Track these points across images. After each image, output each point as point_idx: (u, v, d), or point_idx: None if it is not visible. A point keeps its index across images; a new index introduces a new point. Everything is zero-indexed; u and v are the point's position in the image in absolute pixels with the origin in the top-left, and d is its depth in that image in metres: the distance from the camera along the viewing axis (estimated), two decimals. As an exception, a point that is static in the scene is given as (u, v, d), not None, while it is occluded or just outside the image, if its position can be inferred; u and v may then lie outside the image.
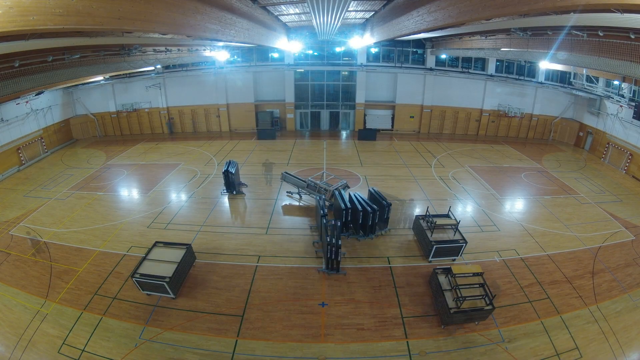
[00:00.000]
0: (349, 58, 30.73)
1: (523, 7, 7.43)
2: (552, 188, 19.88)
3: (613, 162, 23.56)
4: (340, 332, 9.94)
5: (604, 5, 6.36)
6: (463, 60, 30.05)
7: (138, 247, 13.84)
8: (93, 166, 22.77)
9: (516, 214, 16.78)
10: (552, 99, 28.82)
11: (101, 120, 29.48)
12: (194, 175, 21.10)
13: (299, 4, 16.02)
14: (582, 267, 12.77)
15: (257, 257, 13.23)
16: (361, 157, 24.66)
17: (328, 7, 11.29)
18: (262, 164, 22.94)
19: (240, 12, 13.39)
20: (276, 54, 30.57)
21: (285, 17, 20.76)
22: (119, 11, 6.57)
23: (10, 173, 21.28)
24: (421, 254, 13.35)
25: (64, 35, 9.66)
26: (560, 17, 9.12)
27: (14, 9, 4.73)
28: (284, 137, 29.90)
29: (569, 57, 12.81)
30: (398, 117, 31.65)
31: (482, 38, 18.62)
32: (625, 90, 21.45)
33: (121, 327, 10.06)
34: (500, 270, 12.52)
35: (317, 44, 29.68)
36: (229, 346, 9.48)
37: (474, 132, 31.46)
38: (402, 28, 14.92)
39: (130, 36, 12.68)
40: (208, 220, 15.92)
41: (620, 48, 10.27)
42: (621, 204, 17.89)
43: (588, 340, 9.69)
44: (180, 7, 8.82)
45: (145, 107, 29.99)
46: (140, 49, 16.18)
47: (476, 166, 23.18)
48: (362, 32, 25.56)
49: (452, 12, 9.90)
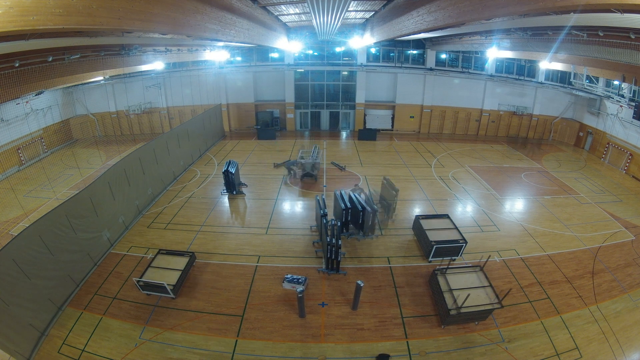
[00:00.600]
0: (349, 58, 30.72)
1: (523, 7, 7.44)
2: (552, 188, 19.88)
3: (613, 162, 23.55)
4: (340, 332, 9.94)
5: (604, 5, 6.37)
6: (463, 60, 30.06)
7: (138, 247, 13.84)
8: (93, 166, 22.78)
9: (516, 214, 16.78)
10: (552, 99, 28.82)
11: (101, 120, 29.48)
12: (194, 176, 21.10)
13: (299, 4, 16.02)
14: (582, 267, 12.77)
15: (257, 257, 13.23)
16: (361, 157, 24.66)
17: (328, 7, 11.29)
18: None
19: (240, 12, 13.40)
20: (276, 54, 30.56)
21: (285, 17, 20.76)
22: (119, 11, 6.58)
23: (10, 173, 21.29)
24: (421, 254, 13.36)
25: (64, 35, 9.67)
26: (560, 17, 9.12)
27: (14, 9, 4.74)
28: (285, 137, 29.92)
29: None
30: (398, 117, 31.66)
31: (482, 38, 18.64)
32: (625, 90, 21.43)
33: (121, 327, 10.06)
34: (500, 270, 12.52)
35: (317, 44, 29.68)
36: (229, 346, 9.48)
37: (474, 132, 31.49)
38: (402, 28, 14.92)
39: (130, 36, 12.69)
40: (208, 220, 15.92)
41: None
42: (621, 204, 17.89)
43: (588, 340, 9.69)
44: (180, 7, 8.83)
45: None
46: (140, 49, 16.19)
47: (476, 166, 23.18)
48: (362, 32, 25.56)
49: (452, 12, 9.90)
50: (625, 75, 17.58)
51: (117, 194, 14.43)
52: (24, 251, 9.52)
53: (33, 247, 9.86)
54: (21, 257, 9.34)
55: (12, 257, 9.01)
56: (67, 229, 11.37)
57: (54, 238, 10.72)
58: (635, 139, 21.56)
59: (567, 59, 19.79)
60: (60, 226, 11.08)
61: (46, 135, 24.90)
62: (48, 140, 25.10)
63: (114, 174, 14.34)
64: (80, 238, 11.99)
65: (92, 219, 12.75)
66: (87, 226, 12.40)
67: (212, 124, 27.26)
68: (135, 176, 15.94)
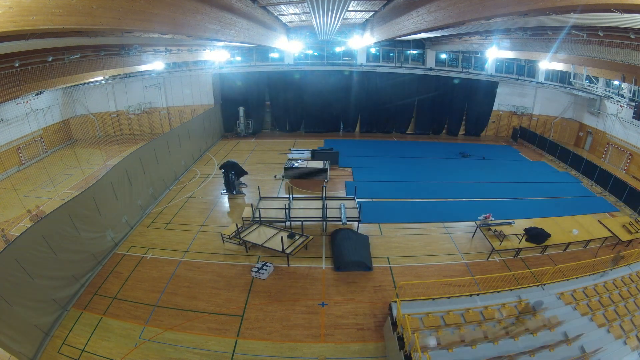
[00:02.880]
0: (348, 58, 30.67)
1: (523, 7, 7.43)
2: (552, 188, 19.85)
3: (613, 162, 23.54)
4: (340, 332, 9.95)
5: (604, 5, 6.36)
6: (463, 60, 30.03)
7: (138, 247, 13.85)
8: (93, 166, 22.77)
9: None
10: (552, 99, 28.80)
11: (101, 120, 29.45)
12: (194, 175, 21.10)
13: (299, 4, 16.00)
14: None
15: (257, 257, 13.23)
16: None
17: (328, 7, 11.27)
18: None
19: (240, 12, 13.39)
20: (276, 54, 30.51)
21: (285, 17, 20.74)
22: (119, 11, 6.57)
23: (10, 173, 21.27)
24: (422, 254, 13.35)
25: (64, 35, 9.65)
26: (560, 17, 9.11)
27: (14, 9, 4.73)
28: (285, 136, 29.92)
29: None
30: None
31: (482, 38, 18.63)
32: (625, 90, 21.41)
33: (121, 327, 10.06)
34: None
35: (317, 44, 29.63)
36: (229, 346, 9.48)
37: (474, 132, 31.43)
38: (402, 28, 14.91)
39: (130, 36, 12.68)
40: (208, 220, 15.92)
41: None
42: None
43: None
44: (180, 7, 8.82)
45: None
46: (140, 49, 16.17)
47: (476, 166, 23.16)
48: (362, 32, 25.55)
49: (452, 12, 9.89)
50: (625, 75, 17.57)
51: (120, 194, 14.44)
52: (28, 251, 9.49)
53: (37, 247, 9.84)
54: (24, 257, 9.32)
55: (15, 257, 9.01)
56: (71, 229, 11.38)
57: (58, 238, 10.72)
58: (635, 139, 21.55)
59: (567, 59, 19.77)
60: (64, 226, 11.09)
61: (46, 135, 24.88)
62: (48, 140, 25.08)
63: (116, 174, 14.35)
64: (83, 238, 11.99)
65: (96, 218, 12.75)
66: (90, 226, 12.40)
67: (211, 123, 27.27)
68: (136, 176, 15.96)
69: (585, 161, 21.34)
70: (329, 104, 30.18)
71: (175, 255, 13.31)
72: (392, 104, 29.90)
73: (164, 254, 13.42)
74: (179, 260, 13.07)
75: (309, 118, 30.91)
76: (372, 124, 31.13)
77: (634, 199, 17.00)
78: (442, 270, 12.68)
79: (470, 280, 11.85)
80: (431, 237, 14.68)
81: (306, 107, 30.31)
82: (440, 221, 15.90)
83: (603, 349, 8.09)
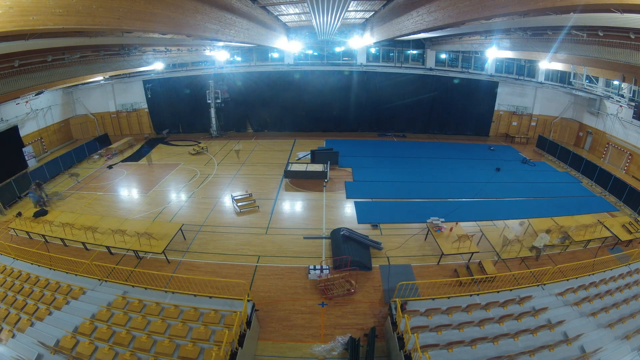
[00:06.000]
0: (348, 58, 30.66)
1: (523, 7, 7.44)
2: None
3: (613, 162, 23.54)
4: (340, 332, 9.94)
5: (603, 5, 6.37)
6: (463, 60, 30.03)
7: (138, 247, 13.83)
8: (93, 166, 22.77)
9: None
10: (552, 99, 28.78)
11: (101, 120, 29.44)
12: (194, 176, 21.10)
13: (299, 4, 16.00)
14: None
15: (257, 257, 13.23)
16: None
17: (328, 7, 11.28)
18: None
19: (240, 12, 13.40)
20: (276, 53, 30.50)
21: (285, 17, 20.75)
22: (119, 11, 6.58)
23: (10, 173, 21.22)
24: (422, 254, 13.35)
25: (64, 35, 9.64)
26: (560, 17, 9.12)
27: (14, 9, 4.73)
28: (285, 136, 29.92)
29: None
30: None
31: (482, 38, 18.63)
32: (625, 90, 21.41)
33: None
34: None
35: (317, 43, 29.62)
36: (229, 346, 9.47)
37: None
38: (402, 28, 14.93)
39: (130, 36, 12.67)
40: (208, 220, 15.92)
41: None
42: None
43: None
44: (180, 7, 8.83)
45: (144, 107, 29.99)
46: (140, 49, 16.17)
47: (476, 166, 23.16)
48: (362, 32, 25.56)
49: (451, 12, 9.90)
50: (625, 75, 17.58)
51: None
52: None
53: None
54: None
55: None
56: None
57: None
58: (635, 139, 21.55)
59: (567, 59, 19.77)
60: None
61: (46, 135, 24.87)
62: (48, 140, 25.07)
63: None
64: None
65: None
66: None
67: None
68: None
69: (585, 161, 21.35)
70: (329, 104, 30.16)
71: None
72: (392, 104, 29.87)
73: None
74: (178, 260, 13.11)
75: (309, 118, 30.86)
76: (372, 124, 31.12)
77: (634, 199, 17.01)
78: (442, 270, 12.70)
79: (470, 280, 11.85)
80: (431, 237, 14.65)
81: (306, 107, 30.29)
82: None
83: (603, 349, 8.07)
